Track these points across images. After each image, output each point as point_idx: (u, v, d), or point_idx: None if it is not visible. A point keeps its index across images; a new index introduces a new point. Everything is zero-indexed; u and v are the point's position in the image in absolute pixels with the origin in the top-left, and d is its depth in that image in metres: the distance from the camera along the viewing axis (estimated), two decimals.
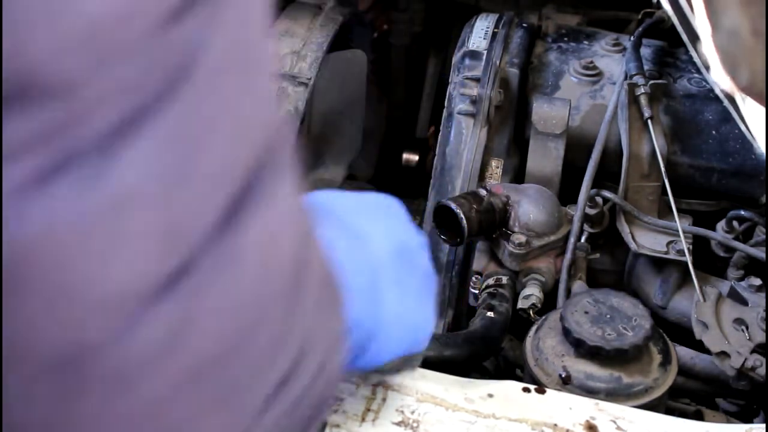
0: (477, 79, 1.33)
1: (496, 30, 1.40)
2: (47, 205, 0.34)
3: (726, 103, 1.08)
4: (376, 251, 0.72)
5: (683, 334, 1.16)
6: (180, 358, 0.39)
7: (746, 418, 1.17)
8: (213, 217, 0.38)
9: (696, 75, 1.37)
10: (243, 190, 0.39)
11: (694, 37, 0.95)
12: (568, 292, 1.19)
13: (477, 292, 1.21)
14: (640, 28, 1.41)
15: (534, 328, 1.07)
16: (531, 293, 1.18)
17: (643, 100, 1.27)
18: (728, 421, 1.12)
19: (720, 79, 0.77)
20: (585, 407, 0.89)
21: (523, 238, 1.19)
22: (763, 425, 1.02)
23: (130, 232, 0.36)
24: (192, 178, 0.37)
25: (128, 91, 0.34)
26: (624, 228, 1.23)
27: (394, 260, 0.74)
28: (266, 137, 0.41)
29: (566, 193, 1.30)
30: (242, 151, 0.39)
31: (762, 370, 1.05)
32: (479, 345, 1.11)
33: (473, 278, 1.24)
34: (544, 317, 1.07)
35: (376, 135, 1.83)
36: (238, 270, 0.40)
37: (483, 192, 1.20)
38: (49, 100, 0.33)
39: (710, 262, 1.27)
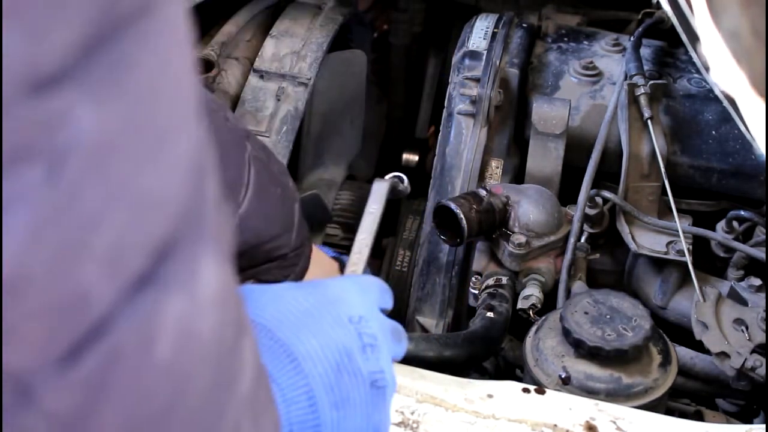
0: (477, 79, 1.33)
1: (496, 30, 1.40)
2: None
3: (726, 103, 1.08)
4: (310, 373, 0.66)
5: (683, 334, 1.16)
6: None
7: (746, 418, 1.17)
8: (110, 298, 0.35)
9: (696, 75, 1.37)
10: (147, 271, 0.36)
11: (694, 37, 0.95)
12: (568, 293, 1.19)
13: (477, 292, 1.21)
14: (640, 28, 1.41)
15: (534, 328, 1.07)
16: (531, 293, 1.18)
17: (643, 100, 1.27)
18: (728, 421, 1.12)
19: (720, 79, 0.77)
20: (585, 407, 0.89)
21: (523, 239, 1.19)
22: (763, 425, 1.02)
23: (18, 317, 0.33)
24: (81, 259, 0.34)
25: None
26: (624, 228, 1.23)
27: (332, 379, 0.68)
28: (178, 213, 0.37)
29: (566, 193, 1.30)
30: (142, 230, 0.36)
31: (762, 371, 1.05)
32: (479, 345, 1.11)
33: (473, 278, 1.23)
34: (544, 317, 1.07)
35: (376, 135, 1.83)
36: (145, 356, 0.37)
37: (483, 192, 1.20)
38: None
39: (710, 262, 1.27)
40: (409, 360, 0.99)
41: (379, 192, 1.09)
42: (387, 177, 1.14)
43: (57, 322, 0.34)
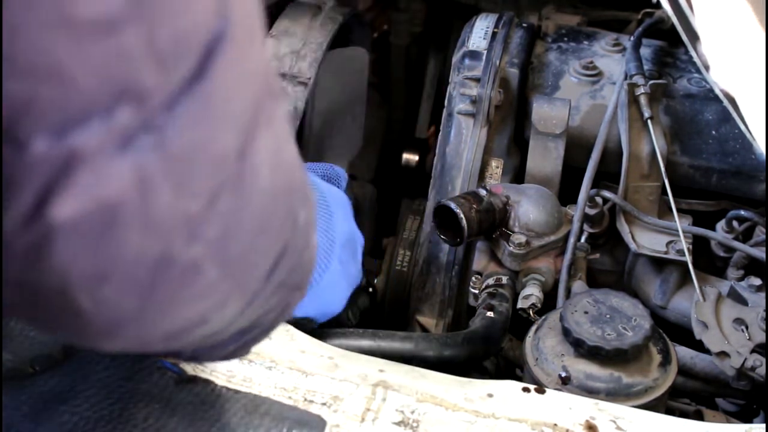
0: (477, 79, 1.33)
1: (496, 30, 1.40)
2: None
3: (726, 103, 1.08)
4: (336, 227, 1.03)
5: (683, 334, 1.16)
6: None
7: (746, 418, 1.17)
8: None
9: (696, 75, 1.37)
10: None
11: (694, 37, 0.95)
12: (568, 292, 1.19)
13: (477, 292, 1.21)
14: (640, 28, 1.41)
15: (534, 328, 1.07)
16: (531, 293, 1.18)
17: (643, 100, 1.27)
18: (728, 421, 1.12)
19: (720, 78, 0.77)
20: (585, 407, 0.89)
21: (523, 238, 1.19)
22: (763, 425, 1.02)
23: None
24: None
25: None
26: (624, 228, 1.23)
27: (344, 243, 1.05)
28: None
29: (566, 193, 1.30)
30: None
31: (762, 370, 1.05)
32: (479, 345, 1.11)
33: (473, 278, 1.23)
34: (544, 317, 1.07)
35: (376, 140, 1.83)
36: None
37: (483, 192, 1.20)
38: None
39: (710, 262, 1.27)
40: (409, 360, 0.99)
41: None
42: None
43: None
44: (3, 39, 0.38)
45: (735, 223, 1.24)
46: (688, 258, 1.17)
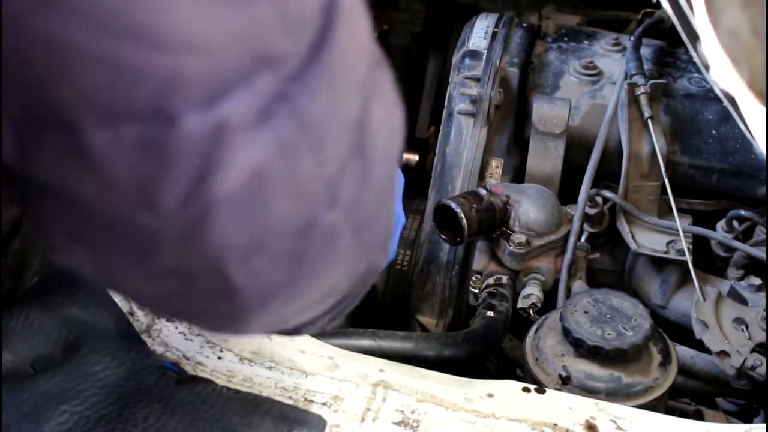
0: (477, 79, 1.33)
1: (496, 30, 1.40)
2: None
3: (726, 103, 1.08)
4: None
5: (683, 334, 1.16)
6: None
7: (746, 417, 1.17)
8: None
9: (696, 75, 1.37)
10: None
11: (694, 37, 0.95)
12: (568, 292, 1.19)
13: (477, 291, 1.21)
14: (640, 28, 1.41)
15: (534, 327, 1.07)
16: (531, 293, 1.18)
17: (643, 100, 1.27)
18: (728, 421, 1.12)
19: (720, 78, 0.77)
20: (585, 407, 0.89)
21: (523, 238, 1.19)
22: (763, 425, 1.02)
23: None
24: None
25: None
26: (624, 228, 1.23)
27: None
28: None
29: (566, 193, 1.30)
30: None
31: (762, 370, 1.05)
32: (479, 345, 1.11)
33: (473, 278, 1.23)
34: (544, 317, 1.07)
35: None
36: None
37: (483, 192, 1.20)
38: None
39: (710, 262, 1.27)
40: (409, 359, 0.99)
41: None
42: None
43: None
44: (148, 15, 0.39)
45: (735, 223, 1.24)
46: (688, 258, 1.17)
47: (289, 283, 0.51)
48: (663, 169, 1.23)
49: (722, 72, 0.75)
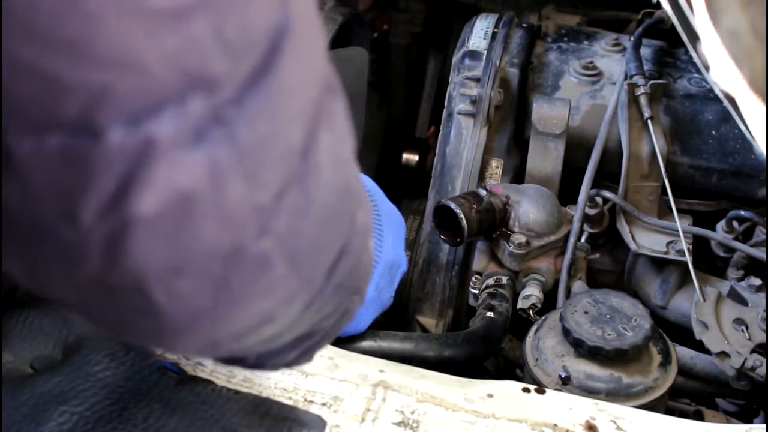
0: (477, 79, 1.33)
1: (496, 30, 1.40)
2: None
3: (726, 103, 1.08)
4: (383, 251, 1.04)
5: (683, 334, 1.16)
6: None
7: (746, 418, 1.17)
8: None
9: (696, 75, 1.37)
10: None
11: (694, 37, 0.95)
12: (568, 292, 1.19)
13: (477, 292, 1.21)
14: (640, 28, 1.41)
15: (534, 328, 1.07)
16: (531, 293, 1.18)
17: (643, 100, 1.27)
18: (728, 421, 1.12)
19: (720, 78, 0.77)
20: (585, 407, 0.89)
21: (523, 238, 1.19)
22: (763, 425, 1.02)
23: None
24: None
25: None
26: (624, 228, 1.23)
27: (385, 270, 1.05)
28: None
29: (566, 193, 1.30)
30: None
31: (762, 370, 1.05)
32: (479, 345, 1.11)
33: (473, 278, 1.23)
34: (544, 317, 1.07)
35: (376, 139, 1.83)
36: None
37: (483, 192, 1.20)
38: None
39: (710, 262, 1.27)
40: (409, 360, 0.99)
41: None
42: None
43: None
44: (82, 29, 0.39)
45: (735, 223, 1.24)
46: (688, 258, 1.17)
47: (212, 309, 0.50)
48: (663, 169, 1.23)
49: (722, 72, 0.75)
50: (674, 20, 1.00)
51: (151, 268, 0.45)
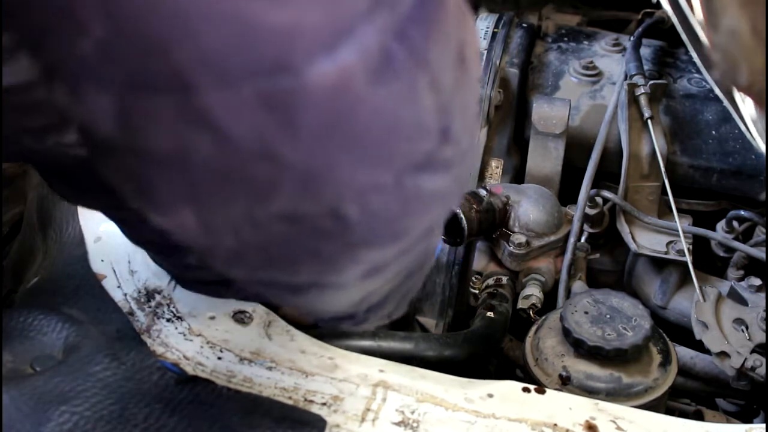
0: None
1: (496, 30, 1.40)
2: None
3: (726, 103, 1.08)
4: None
5: (683, 334, 1.16)
6: None
7: (746, 418, 1.17)
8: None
9: (696, 75, 1.37)
10: None
11: (694, 37, 0.95)
12: (568, 292, 1.19)
13: (477, 292, 1.21)
14: (640, 28, 1.41)
15: (534, 328, 1.07)
16: (531, 293, 1.18)
17: (643, 100, 1.27)
18: (728, 421, 1.12)
19: (720, 79, 0.77)
20: (585, 407, 0.89)
21: (523, 239, 1.19)
22: (763, 425, 1.02)
23: None
24: None
25: None
26: (624, 228, 1.23)
27: None
28: None
29: (566, 193, 1.30)
30: None
31: (762, 370, 1.05)
32: (479, 345, 1.11)
33: (473, 278, 1.23)
34: (544, 317, 1.07)
35: None
36: None
37: (483, 192, 1.20)
38: None
39: (710, 262, 1.27)
40: (409, 360, 0.99)
41: None
42: None
43: None
44: None
45: (735, 223, 1.24)
46: (688, 258, 1.17)
47: (401, 216, 0.52)
48: (663, 169, 1.23)
49: (722, 72, 0.75)
50: (674, 20, 1.00)
51: (352, 188, 0.47)
